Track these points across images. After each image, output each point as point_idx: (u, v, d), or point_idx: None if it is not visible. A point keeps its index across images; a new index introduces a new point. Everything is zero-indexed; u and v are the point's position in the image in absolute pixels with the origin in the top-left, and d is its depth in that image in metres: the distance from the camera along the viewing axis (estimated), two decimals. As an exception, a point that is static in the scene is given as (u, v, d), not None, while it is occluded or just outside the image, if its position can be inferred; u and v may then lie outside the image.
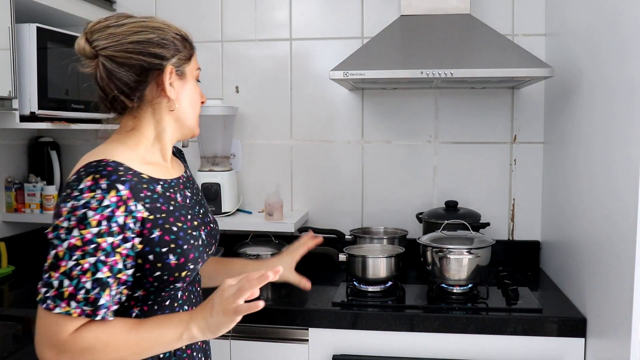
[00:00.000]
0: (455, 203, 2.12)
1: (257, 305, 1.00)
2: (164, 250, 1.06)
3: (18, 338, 1.50)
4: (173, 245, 1.07)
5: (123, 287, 1.03)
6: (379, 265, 1.85)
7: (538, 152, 2.22)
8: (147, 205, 1.05)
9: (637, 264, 1.28)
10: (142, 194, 1.05)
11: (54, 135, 2.39)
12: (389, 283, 1.88)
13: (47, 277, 0.98)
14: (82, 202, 0.98)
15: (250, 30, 2.32)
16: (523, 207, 2.24)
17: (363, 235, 2.13)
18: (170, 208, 1.11)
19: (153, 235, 1.05)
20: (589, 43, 1.65)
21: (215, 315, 1.02)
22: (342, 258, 1.88)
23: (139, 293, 1.08)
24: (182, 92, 1.16)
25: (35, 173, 2.29)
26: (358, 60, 1.87)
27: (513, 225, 2.26)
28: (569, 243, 1.83)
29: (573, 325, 1.64)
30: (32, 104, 1.79)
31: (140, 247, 1.04)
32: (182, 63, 1.15)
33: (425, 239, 1.87)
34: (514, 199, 2.25)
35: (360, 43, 2.24)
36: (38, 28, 1.78)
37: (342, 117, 2.31)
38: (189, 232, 1.12)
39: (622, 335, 1.35)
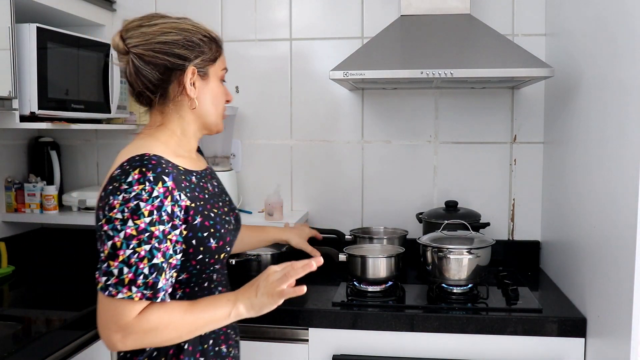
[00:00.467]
0: (455, 203, 2.12)
1: (301, 290, 1.10)
2: (205, 235, 1.16)
3: (18, 338, 1.50)
4: (212, 230, 1.17)
5: (173, 270, 1.12)
6: (379, 265, 1.85)
7: (538, 152, 2.22)
8: (188, 195, 1.14)
9: (637, 264, 1.28)
10: (183, 184, 1.14)
11: (54, 135, 2.39)
12: (389, 283, 1.88)
13: (106, 266, 1.05)
14: (133, 194, 1.06)
15: (250, 30, 2.32)
16: (523, 207, 2.24)
17: (363, 235, 2.13)
18: (206, 196, 1.21)
19: (195, 222, 1.14)
20: (589, 43, 1.65)
21: (260, 297, 1.13)
22: (342, 258, 1.88)
23: (183, 276, 1.17)
24: (203, 91, 1.23)
25: (35, 173, 2.29)
26: (358, 60, 1.87)
27: (513, 225, 2.26)
28: (569, 243, 1.83)
29: (573, 325, 1.64)
30: (32, 104, 1.78)
31: (185, 232, 1.13)
32: (205, 64, 1.22)
33: (425, 239, 1.87)
34: (514, 199, 2.25)
35: (360, 43, 2.24)
36: (38, 28, 1.78)
37: (342, 117, 2.31)
38: (224, 217, 1.23)
39: (622, 335, 1.35)
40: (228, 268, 1.39)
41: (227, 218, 1.25)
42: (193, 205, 1.14)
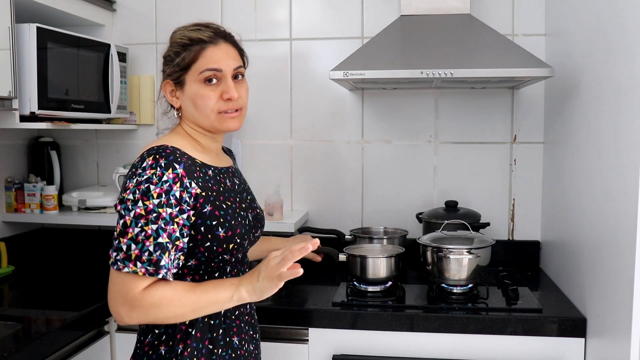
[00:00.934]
0: (455, 203, 2.12)
1: (297, 272, 1.13)
2: (214, 223, 1.22)
3: (18, 338, 1.50)
4: (222, 220, 1.23)
5: (180, 253, 1.18)
6: (379, 265, 1.85)
7: (538, 152, 2.22)
8: (200, 184, 1.21)
9: (637, 264, 1.28)
10: (195, 174, 1.21)
11: (54, 135, 2.39)
12: (389, 283, 1.88)
13: (117, 242, 1.14)
14: (145, 177, 1.15)
15: (250, 30, 2.32)
16: (523, 207, 2.24)
17: (363, 235, 2.13)
18: (220, 189, 1.27)
19: (205, 210, 1.21)
20: (589, 43, 1.65)
21: (261, 281, 1.16)
22: (342, 258, 1.87)
23: (192, 262, 1.23)
24: (183, 99, 1.29)
25: (35, 173, 2.29)
26: (358, 60, 1.87)
27: (513, 225, 2.26)
28: (569, 243, 1.83)
29: (573, 325, 1.64)
30: (32, 104, 1.79)
31: (194, 219, 1.20)
32: (179, 74, 1.27)
33: (425, 239, 1.87)
34: (514, 199, 2.25)
35: (360, 43, 2.24)
36: (38, 28, 1.78)
37: (342, 117, 2.31)
38: (237, 211, 1.28)
39: (622, 335, 1.35)
40: None
41: (242, 213, 1.30)
42: (204, 194, 1.21)
